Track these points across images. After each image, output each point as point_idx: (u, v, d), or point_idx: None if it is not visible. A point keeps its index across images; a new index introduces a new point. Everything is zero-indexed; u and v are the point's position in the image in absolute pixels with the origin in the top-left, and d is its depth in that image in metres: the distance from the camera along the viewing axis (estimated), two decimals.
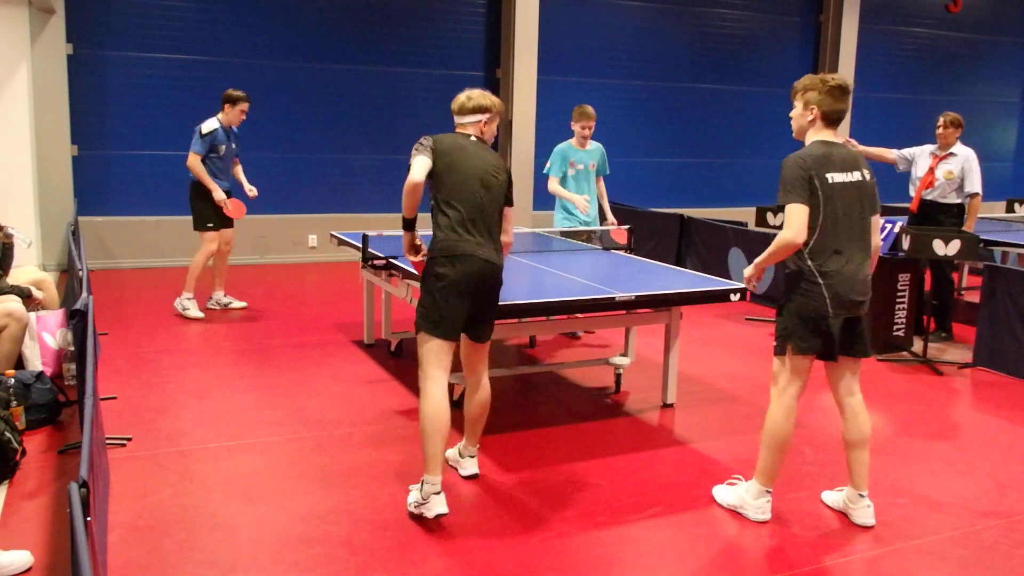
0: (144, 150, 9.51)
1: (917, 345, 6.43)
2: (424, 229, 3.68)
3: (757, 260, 3.56)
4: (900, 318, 6.44)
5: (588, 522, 3.54)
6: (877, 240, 3.56)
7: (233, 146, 7.06)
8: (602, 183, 6.77)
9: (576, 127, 6.52)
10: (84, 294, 4.10)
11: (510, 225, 3.81)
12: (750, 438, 4.52)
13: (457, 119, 3.78)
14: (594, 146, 6.64)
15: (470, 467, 3.98)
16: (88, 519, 2.13)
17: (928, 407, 5.21)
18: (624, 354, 5.50)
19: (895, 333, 6.43)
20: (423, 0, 10.48)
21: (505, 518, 3.56)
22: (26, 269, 6.01)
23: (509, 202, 3.77)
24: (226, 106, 6.91)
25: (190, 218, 8.45)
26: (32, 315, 5.07)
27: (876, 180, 3.56)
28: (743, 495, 3.63)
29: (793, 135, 3.57)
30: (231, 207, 6.98)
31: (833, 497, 3.74)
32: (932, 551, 3.38)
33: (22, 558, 3.04)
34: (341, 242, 6.42)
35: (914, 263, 6.41)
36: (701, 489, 3.89)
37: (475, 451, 4.00)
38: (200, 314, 7.00)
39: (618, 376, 5.39)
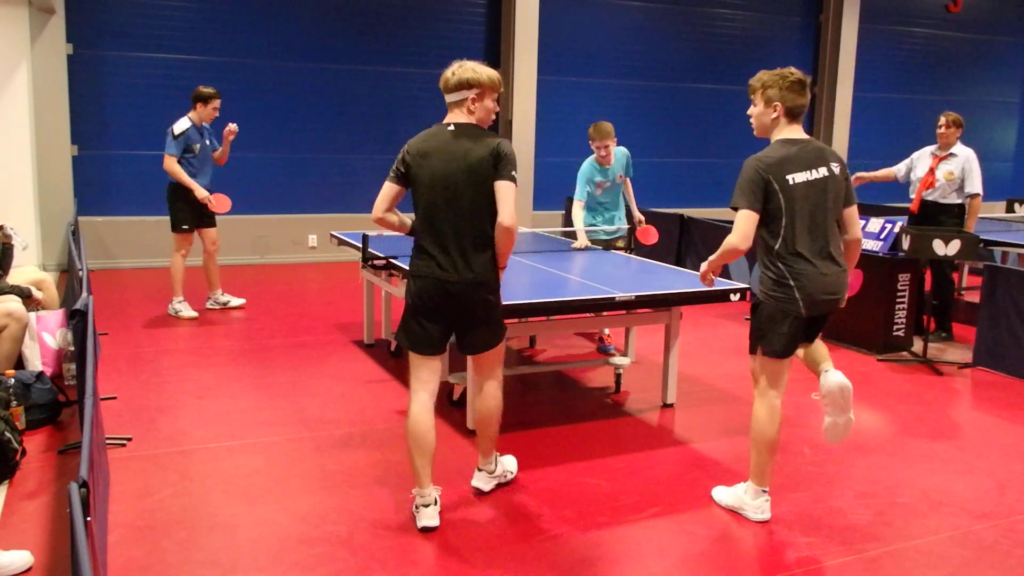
0: (144, 150, 9.50)
1: (917, 345, 6.43)
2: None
3: (709, 259, 3.54)
4: (900, 318, 6.44)
5: (588, 522, 3.54)
6: (856, 231, 3.52)
7: (208, 142, 7.05)
8: (629, 184, 6.47)
9: (593, 147, 6.13)
10: (84, 294, 4.10)
11: (505, 205, 3.30)
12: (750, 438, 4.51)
13: (446, 98, 3.45)
14: (618, 155, 6.26)
15: (479, 480, 3.78)
16: (88, 519, 2.13)
17: (928, 407, 5.21)
18: (624, 354, 5.50)
19: (895, 333, 6.43)
20: (423, 0, 10.48)
21: (505, 518, 3.56)
22: (26, 269, 6.01)
23: (501, 177, 3.30)
24: (198, 104, 6.91)
25: None
26: (32, 315, 5.07)
27: (848, 172, 3.51)
28: (742, 496, 3.64)
29: (755, 134, 3.51)
30: (215, 202, 6.97)
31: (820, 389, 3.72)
32: (932, 551, 3.38)
33: (22, 558, 3.04)
34: (341, 242, 6.42)
35: (914, 263, 6.41)
36: (701, 489, 3.89)
37: (487, 463, 3.78)
38: (194, 313, 7.02)
39: (618, 376, 5.39)
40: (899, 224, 6.50)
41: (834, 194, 3.40)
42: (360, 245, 5.57)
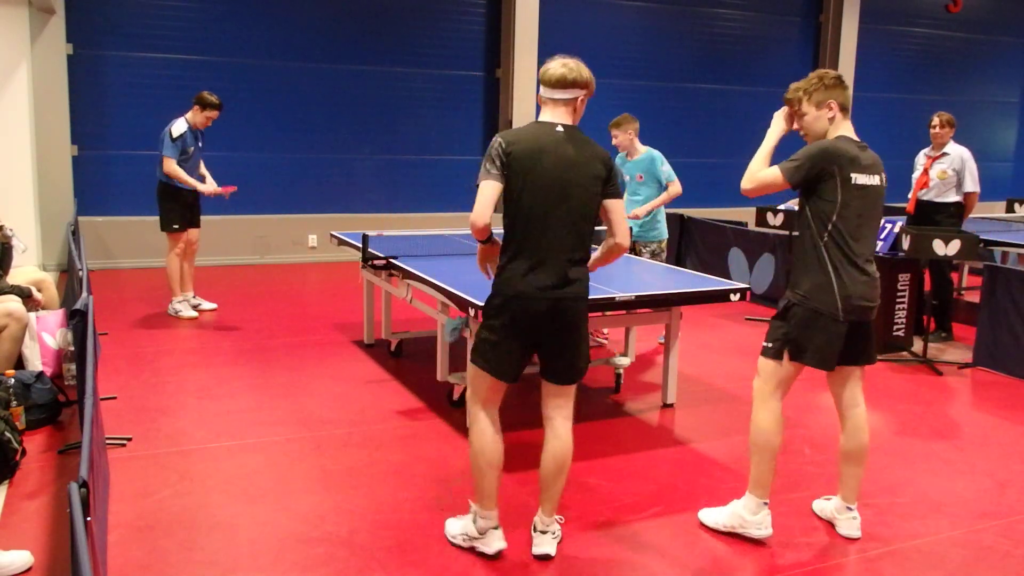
0: (144, 150, 9.48)
1: (917, 345, 6.43)
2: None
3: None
4: (900, 318, 6.44)
5: (588, 522, 3.54)
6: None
7: (200, 146, 7.06)
8: (670, 188, 6.21)
9: None
10: (84, 294, 4.10)
11: (622, 224, 3.15)
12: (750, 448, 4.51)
13: (545, 92, 3.10)
14: (643, 155, 6.32)
15: (541, 544, 3.25)
16: (88, 519, 2.13)
17: (928, 407, 5.21)
18: (624, 354, 5.50)
19: (895, 333, 6.43)
20: (423, 0, 10.49)
21: (505, 518, 3.56)
22: (26, 269, 6.01)
23: (611, 195, 3.11)
24: (196, 107, 6.90)
25: None
26: (32, 315, 5.07)
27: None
28: (740, 512, 3.42)
29: (809, 142, 3.36)
30: (221, 189, 6.97)
31: (821, 506, 3.65)
32: (932, 551, 3.38)
33: (22, 558, 3.04)
34: (341, 242, 6.42)
35: (914, 263, 6.41)
36: (701, 489, 3.89)
37: (552, 524, 3.28)
38: (193, 313, 7.04)
39: (618, 376, 5.39)
40: (899, 224, 6.50)
41: (880, 205, 3.33)
42: (360, 245, 5.57)
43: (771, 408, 3.36)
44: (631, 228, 6.02)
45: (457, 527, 3.32)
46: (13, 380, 4.39)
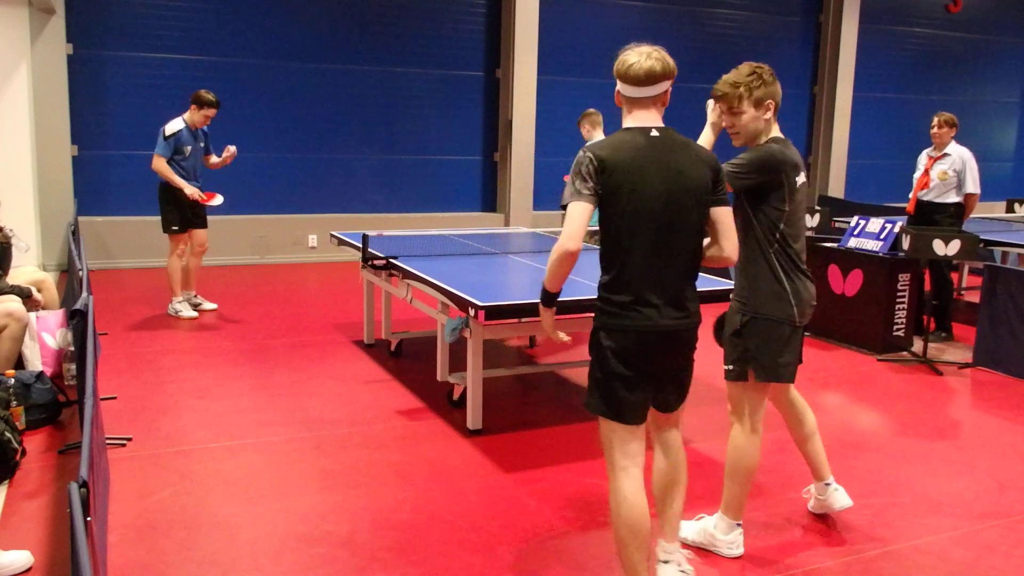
0: (144, 150, 9.45)
1: (917, 345, 6.43)
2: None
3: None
4: (900, 318, 6.44)
5: (588, 522, 3.54)
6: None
7: (201, 145, 7.02)
8: None
9: None
10: (84, 294, 4.10)
11: (732, 235, 2.78)
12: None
13: (631, 91, 2.72)
14: None
15: (672, 574, 2.92)
16: (88, 519, 2.12)
17: (928, 407, 5.21)
18: None
19: (895, 333, 6.43)
20: (423, 0, 10.49)
21: (505, 518, 3.56)
22: (26, 269, 6.01)
23: (719, 202, 2.75)
24: (193, 106, 6.88)
25: None
26: (32, 315, 5.07)
27: None
28: (712, 532, 3.30)
29: (739, 144, 3.20)
30: (204, 198, 6.93)
31: (813, 503, 3.62)
32: (932, 551, 3.38)
33: (22, 558, 3.04)
34: (341, 242, 6.42)
35: (914, 263, 6.41)
36: (701, 489, 3.89)
37: (675, 553, 2.95)
38: (193, 313, 7.03)
39: None
40: (899, 224, 6.50)
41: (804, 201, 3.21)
42: (360, 245, 5.57)
43: (745, 431, 3.21)
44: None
45: None
46: (13, 380, 4.39)
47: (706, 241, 2.82)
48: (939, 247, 5.81)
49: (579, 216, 2.61)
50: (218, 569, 3.10)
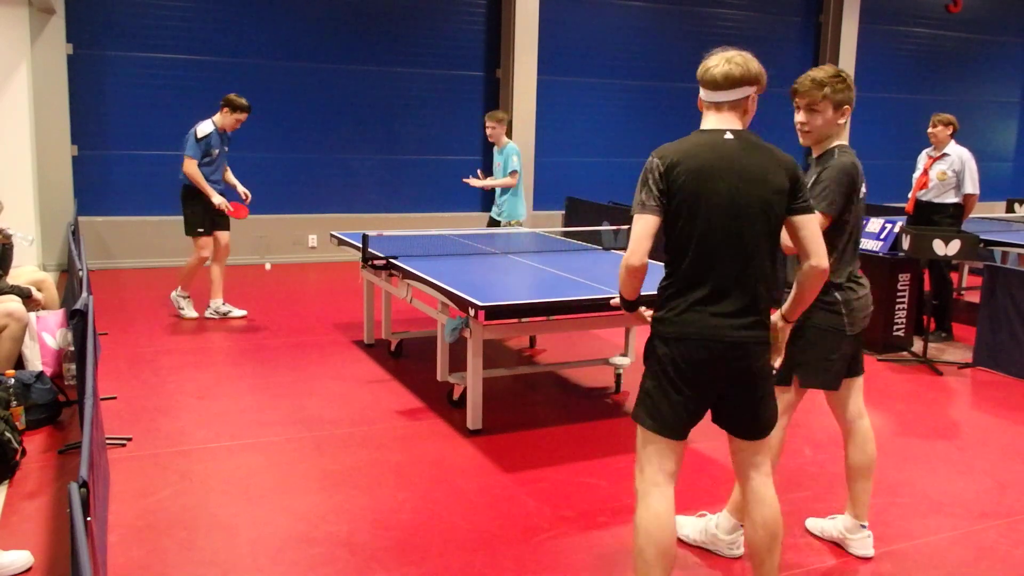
0: (144, 150, 9.51)
1: (917, 345, 6.43)
2: None
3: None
4: (900, 318, 6.44)
5: (588, 522, 3.54)
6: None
7: (225, 149, 6.95)
8: (511, 178, 7.24)
9: None
10: (84, 294, 4.10)
11: (818, 243, 2.59)
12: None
13: (708, 96, 2.63)
14: (508, 146, 7.23)
15: None
16: (88, 519, 2.13)
17: (928, 407, 5.21)
18: (624, 354, 5.50)
19: (895, 333, 6.43)
20: (423, 0, 10.49)
21: (505, 518, 3.56)
22: (26, 269, 6.01)
23: (800, 210, 2.58)
24: (225, 109, 6.76)
25: None
26: (32, 315, 5.07)
27: None
28: (714, 531, 3.27)
29: (806, 143, 3.17)
30: (232, 209, 6.83)
31: (822, 526, 3.45)
32: (932, 551, 3.38)
33: (22, 558, 3.04)
34: (341, 242, 6.42)
35: (914, 263, 6.41)
36: (701, 490, 3.89)
37: None
38: (194, 313, 6.97)
39: (618, 376, 5.39)
40: (899, 224, 6.50)
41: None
42: (360, 245, 5.57)
43: (777, 436, 3.11)
44: (509, 219, 7.26)
45: None
46: (13, 380, 4.39)
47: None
48: (939, 247, 5.81)
49: (643, 229, 2.52)
50: (218, 569, 3.10)
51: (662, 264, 2.68)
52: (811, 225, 2.60)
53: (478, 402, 4.51)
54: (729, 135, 2.57)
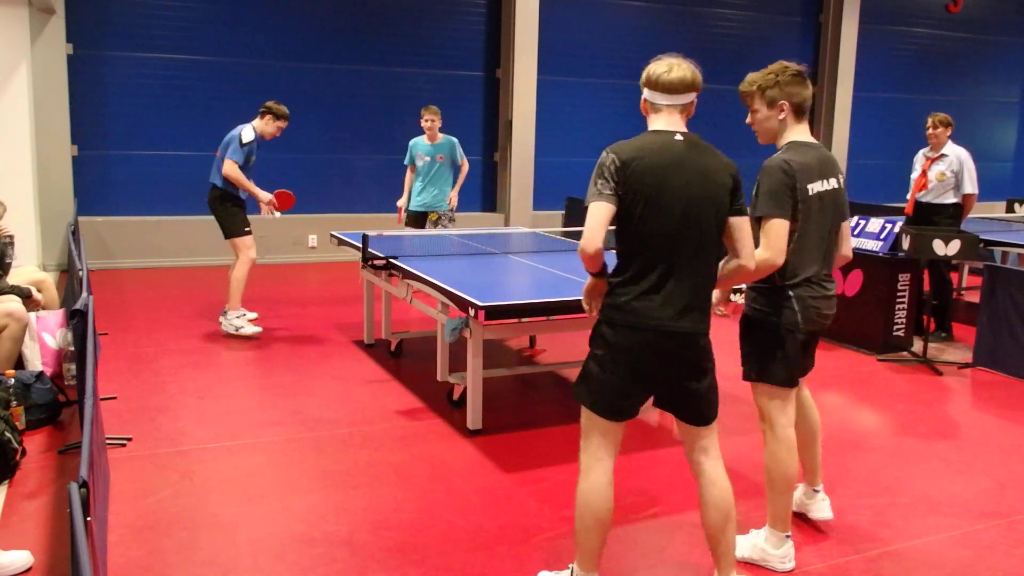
0: (144, 150, 9.51)
1: (917, 345, 6.43)
2: None
3: (720, 277, 2.84)
4: (900, 318, 6.44)
5: None
6: (848, 249, 3.30)
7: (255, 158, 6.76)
8: (465, 167, 7.75)
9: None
10: (84, 294, 4.10)
11: (749, 244, 2.75)
12: (750, 438, 4.52)
13: (663, 99, 2.76)
14: (444, 140, 7.62)
15: None
16: (88, 519, 2.13)
17: (928, 407, 5.21)
18: None
19: (895, 333, 6.43)
20: (423, 0, 10.49)
21: (505, 518, 3.56)
22: (26, 269, 6.02)
23: (737, 212, 2.73)
24: (267, 117, 6.53)
25: (190, 218, 8.44)
26: (32, 315, 5.07)
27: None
28: (763, 546, 3.22)
29: (761, 142, 3.27)
30: (279, 201, 6.64)
31: (796, 495, 3.56)
32: (932, 551, 3.38)
33: (22, 558, 3.04)
34: (341, 242, 6.42)
35: (914, 263, 6.41)
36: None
37: None
38: (257, 329, 6.49)
39: None
40: (899, 224, 6.50)
41: (838, 207, 3.19)
42: (360, 245, 5.57)
43: (777, 437, 3.17)
44: (441, 208, 7.59)
45: None
46: (13, 380, 4.39)
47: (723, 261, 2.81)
48: (939, 247, 5.81)
49: (599, 215, 2.62)
50: (218, 569, 3.10)
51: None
52: (744, 226, 2.74)
53: (478, 402, 4.51)
54: (679, 136, 2.71)
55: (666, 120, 2.76)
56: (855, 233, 6.78)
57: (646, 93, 2.80)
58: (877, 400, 5.31)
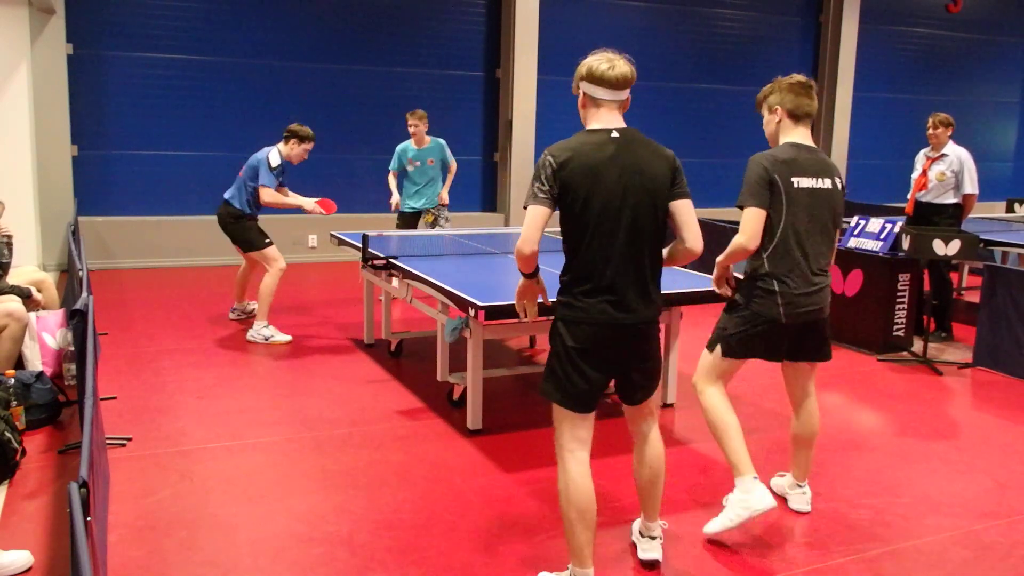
0: (144, 150, 9.51)
1: (917, 345, 6.43)
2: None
3: (718, 260, 3.43)
4: (900, 318, 6.44)
5: None
6: (834, 246, 3.48)
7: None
8: (454, 167, 7.98)
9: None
10: (84, 294, 4.10)
11: (693, 227, 2.86)
12: (750, 438, 4.51)
13: (604, 94, 2.81)
14: (432, 143, 7.77)
15: (649, 550, 3.17)
16: (88, 519, 2.13)
17: (928, 407, 5.21)
18: None
19: (895, 333, 6.43)
20: (423, 0, 10.49)
21: (505, 518, 3.56)
22: (26, 269, 6.02)
23: (679, 195, 2.85)
24: (292, 141, 6.51)
25: (190, 218, 8.44)
26: (32, 315, 5.07)
27: (845, 191, 3.52)
28: (738, 499, 3.31)
29: (771, 146, 3.50)
30: (322, 208, 6.59)
31: (777, 482, 3.82)
32: (932, 551, 3.38)
33: (22, 558, 3.04)
34: (341, 242, 6.42)
35: (914, 263, 6.41)
36: (701, 489, 3.89)
37: (656, 529, 3.19)
38: (288, 336, 6.37)
39: None
40: (899, 224, 6.50)
41: (833, 208, 3.37)
42: (360, 245, 5.57)
43: (711, 395, 3.48)
44: (433, 206, 7.80)
45: None
46: (13, 380, 4.39)
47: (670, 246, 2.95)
48: (939, 247, 5.81)
49: (535, 218, 2.74)
50: (218, 569, 3.10)
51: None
52: (686, 208, 2.86)
53: (478, 402, 4.51)
54: (615, 133, 2.79)
55: (605, 116, 2.83)
56: (855, 233, 6.79)
57: (587, 87, 2.83)
58: (877, 400, 5.31)
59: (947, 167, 6.70)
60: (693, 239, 2.86)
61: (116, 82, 9.28)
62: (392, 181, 7.92)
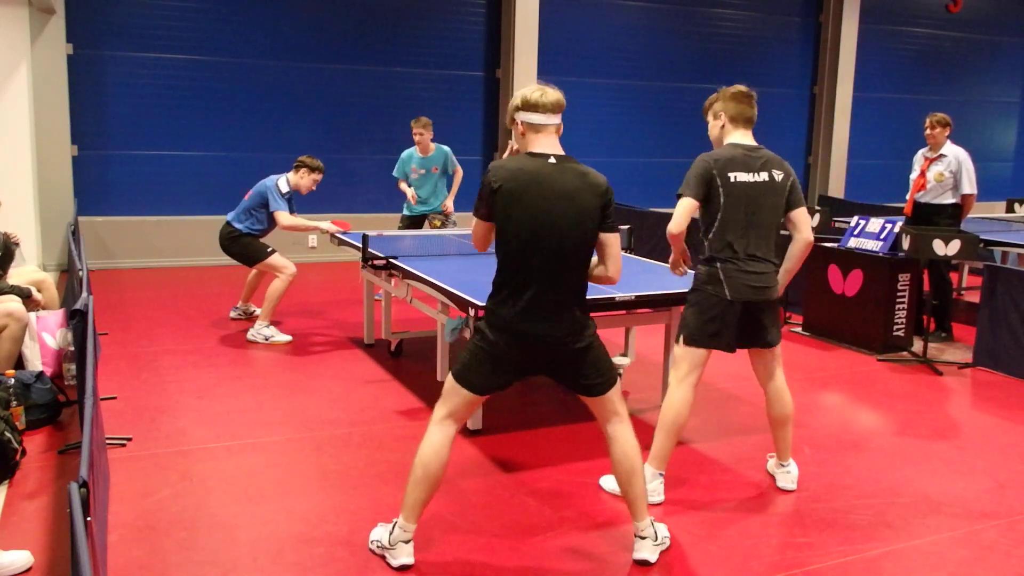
0: (144, 150, 9.51)
1: (917, 345, 6.43)
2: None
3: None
4: (900, 318, 6.44)
5: (588, 522, 3.54)
6: (806, 233, 3.66)
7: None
8: (459, 174, 8.02)
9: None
10: (84, 294, 4.10)
11: (617, 260, 3.07)
12: (750, 438, 4.52)
13: (541, 119, 3.00)
14: (437, 151, 7.79)
15: (640, 549, 3.20)
16: (88, 519, 2.13)
17: (928, 407, 5.21)
18: (624, 354, 5.50)
19: (895, 333, 6.43)
20: (423, 0, 10.49)
21: (505, 518, 3.56)
22: (26, 269, 6.02)
23: (606, 229, 3.02)
24: (302, 170, 6.57)
25: (190, 218, 8.43)
26: (32, 315, 5.07)
27: (796, 180, 3.71)
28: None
29: (714, 148, 3.74)
30: (338, 227, 6.57)
31: (769, 464, 4.09)
32: (932, 551, 3.38)
33: (22, 558, 3.04)
34: (341, 242, 6.42)
35: (914, 263, 6.41)
36: (701, 489, 3.89)
37: (645, 528, 3.21)
38: (288, 337, 6.39)
39: (618, 376, 5.38)
40: (899, 224, 6.50)
41: (773, 199, 3.61)
42: (360, 245, 5.57)
43: (680, 390, 3.68)
44: (438, 212, 7.94)
45: (376, 533, 3.26)
46: (13, 380, 4.39)
47: (595, 261, 3.13)
48: (939, 247, 5.81)
49: (477, 231, 3.04)
50: (218, 569, 3.10)
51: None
52: (612, 242, 3.05)
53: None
54: (553, 159, 2.97)
55: (544, 141, 3.01)
56: (855, 233, 6.79)
57: (524, 116, 3.01)
58: (877, 400, 5.31)
59: (945, 167, 6.69)
60: (614, 271, 3.08)
61: (116, 82, 9.28)
62: (403, 184, 7.89)
